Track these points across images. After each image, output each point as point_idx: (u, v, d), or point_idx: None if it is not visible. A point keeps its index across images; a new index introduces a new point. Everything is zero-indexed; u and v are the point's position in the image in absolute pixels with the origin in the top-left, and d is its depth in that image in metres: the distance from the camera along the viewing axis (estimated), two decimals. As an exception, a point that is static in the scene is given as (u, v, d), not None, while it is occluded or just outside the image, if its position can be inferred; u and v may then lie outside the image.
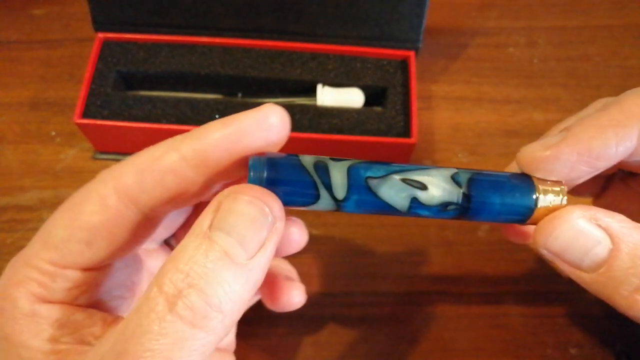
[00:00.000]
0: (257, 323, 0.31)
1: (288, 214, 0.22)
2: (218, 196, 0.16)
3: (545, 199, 0.18)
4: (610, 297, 0.17)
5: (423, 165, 0.18)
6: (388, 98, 0.37)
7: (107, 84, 0.37)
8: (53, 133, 0.39)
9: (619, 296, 0.17)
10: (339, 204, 0.17)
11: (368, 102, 0.38)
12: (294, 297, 0.23)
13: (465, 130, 0.40)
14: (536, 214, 0.18)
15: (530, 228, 0.19)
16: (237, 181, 0.21)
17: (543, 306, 0.33)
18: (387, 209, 0.18)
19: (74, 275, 0.18)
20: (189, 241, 0.15)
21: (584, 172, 0.19)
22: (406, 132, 0.36)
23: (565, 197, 0.18)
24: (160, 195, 0.17)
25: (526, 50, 0.44)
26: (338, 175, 0.17)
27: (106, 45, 0.38)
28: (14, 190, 0.36)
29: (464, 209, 0.18)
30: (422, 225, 0.35)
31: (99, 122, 0.34)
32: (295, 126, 0.36)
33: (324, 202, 0.17)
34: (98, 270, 0.19)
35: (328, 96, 0.37)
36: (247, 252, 0.15)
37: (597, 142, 0.18)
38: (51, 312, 0.18)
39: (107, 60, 0.38)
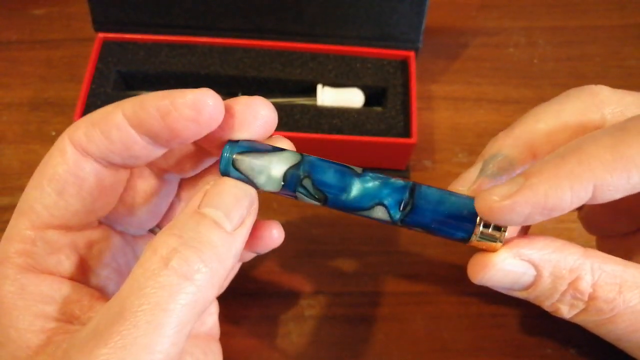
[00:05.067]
0: (257, 322, 0.31)
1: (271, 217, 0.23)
2: (204, 186, 0.19)
3: (485, 231, 0.20)
4: (538, 304, 0.21)
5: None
6: (388, 98, 0.37)
7: (107, 84, 0.37)
8: (53, 133, 0.39)
9: (545, 305, 0.21)
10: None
11: (368, 102, 0.38)
12: (274, 234, 0.23)
13: (465, 130, 0.40)
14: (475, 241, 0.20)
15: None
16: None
17: (543, 306, 0.33)
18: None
19: (54, 236, 0.19)
20: (181, 215, 0.18)
21: (539, 219, 0.19)
22: (406, 132, 0.36)
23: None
24: (107, 147, 0.19)
25: (526, 51, 0.44)
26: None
27: (106, 45, 0.38)
28: (15, 190, 0.36)
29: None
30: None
31: (99, 122, 0.34)
32: (295, 126, 0.36)
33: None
34: (78, 232, 0.20)
35: (328, 96, 0.37)
36: (232, 223, 0.18)
37: (552, 195, 0.18)
38: (39, 287, 0.19)
39: (107, 60, 0.38)
